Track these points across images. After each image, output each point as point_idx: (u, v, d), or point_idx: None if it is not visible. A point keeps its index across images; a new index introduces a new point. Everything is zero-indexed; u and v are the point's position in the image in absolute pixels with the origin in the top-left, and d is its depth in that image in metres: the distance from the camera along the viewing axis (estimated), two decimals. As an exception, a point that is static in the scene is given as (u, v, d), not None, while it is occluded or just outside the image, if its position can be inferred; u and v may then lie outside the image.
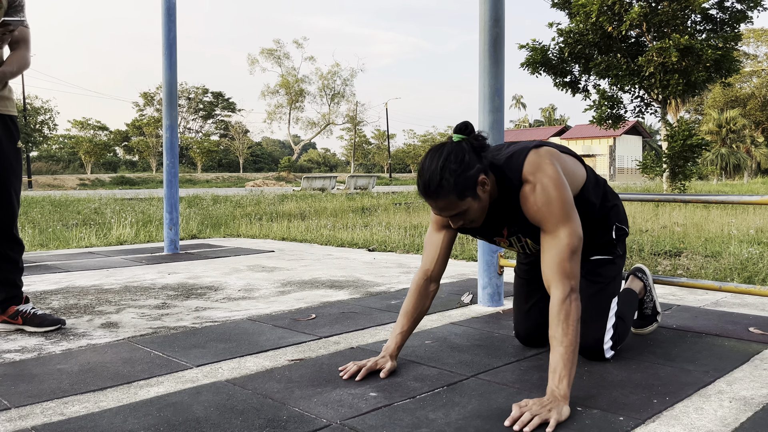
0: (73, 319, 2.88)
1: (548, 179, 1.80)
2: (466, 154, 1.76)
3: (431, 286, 2.10)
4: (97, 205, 12.69)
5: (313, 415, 1.69)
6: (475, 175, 1.76)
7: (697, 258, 4.87)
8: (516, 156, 1.87)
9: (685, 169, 15.99)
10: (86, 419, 1.68)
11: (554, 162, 1.85)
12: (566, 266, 1.75)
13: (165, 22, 5.28)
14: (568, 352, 1.67)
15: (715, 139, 43.52)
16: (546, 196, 1.79)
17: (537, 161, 1.84)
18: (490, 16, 3.01)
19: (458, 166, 1.73)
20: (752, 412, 1.70)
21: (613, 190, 2.21)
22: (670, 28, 18.01)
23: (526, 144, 1.93)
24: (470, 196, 1.77)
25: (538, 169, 1.82)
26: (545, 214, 1.79)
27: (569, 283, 1.74)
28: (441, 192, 1.74)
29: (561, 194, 1.79)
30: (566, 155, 2.01)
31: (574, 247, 1.77)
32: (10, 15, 2.59)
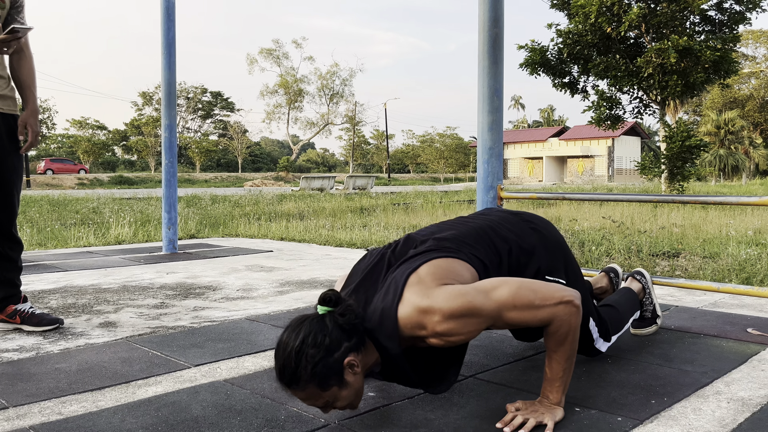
0: (71, 319, 2.88)
1: (440, 314, 1.49)
2: (328, 335, 1.47)
3: None
4: (95, 205, 12.69)
5: (311, 415, 1.69)
6: (341, 358, 1.47)
7: (696, 259, 4.87)
8: (387, 316, 1.54)
9: (683, 170, 16.02)
10: (84, 419, 1.68)
11: (428, 290, 1.53)
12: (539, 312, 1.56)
13: (164, 22, 5.27)
14: (564, 363, 1.61)
15: (714, 141, 43.55)
16: (457, 324, 1.50)
17: (412, 311, 1.52)
18: (490, 16, 3.01)
19: (318, 350, 1.45)
20: (750, 412, 1.70)
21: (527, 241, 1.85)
22: (668, 29, 18.05)
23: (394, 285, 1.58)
24: (335, 384, 1.48)
25: (421, 315, 1.51)
26: (477, 327, 1.54)
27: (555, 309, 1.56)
28: (298, 383, 1.47)
29: (463, 306, 1.50)
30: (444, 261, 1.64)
31: (524, 298, 1.55)
32: (12, 15, 2.59)
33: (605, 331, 2.10)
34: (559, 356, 1.61)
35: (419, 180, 52.14)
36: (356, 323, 1.52)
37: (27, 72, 2.67)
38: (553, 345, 1.61)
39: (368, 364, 1.58)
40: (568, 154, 52.41)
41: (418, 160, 66.93)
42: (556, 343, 1.60)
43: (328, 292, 1.54)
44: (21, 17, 2.64)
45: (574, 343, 1.61)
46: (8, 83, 2.61)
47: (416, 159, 67.77)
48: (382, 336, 1.55)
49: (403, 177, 57.74)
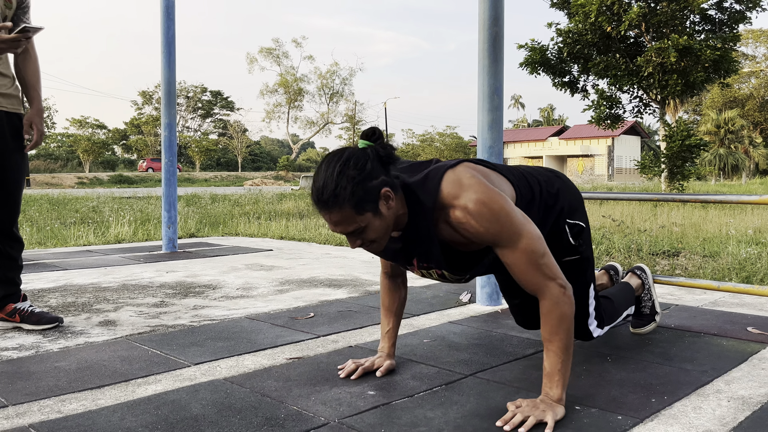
0: (71, 317, 2.88)
1: (477, 194, 1.58)
2: (369, 162, 1.55)
3: (397, 279, 2.07)
4: (95, 204, 12.68)
5: (311, 414, 1.69)
6: (378, 186, 1.54)
7: (696, 258, 4.87)
8: (431, 177, 1.64)
9: (683, 170, 16.03)
10: (84, 417, 1.68)
11: (476, 176, 1.64)
12: (540, 274, 1.61)
13: (164, 21, 5.27)
14: (562, 355, 1.62)
15: (714, 140, 43.54)
16: (483, 211, 1.57)
17: (457, 180, 1.62)
18: (490, 15, 3.01)
19: (358, 173, 1.52)
20: (750, 411, 1.70)
21: (553, 184, 1.94)
22: (668, 28, 18.04)
23: (443, 164, 1.71)
24: (370, 210, 1.54)
25: (462, 188, 1.60)
26: (492, 232, 1.58)
27: (554, 283, 1.62)
28: (335, 202, 1.52)
29: (498, 204, 1.58)
30: (489, 170, 1.78)
31: (539, 250, 1.61)
32: (18, 16, 2.60)
33: (600, 316, 2.11)
34: (555, 347, 1.62)
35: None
36: (395, 159, 1.61)
37: (32, 72, 2.67)
38: (548, 333, 1.63)
39: (398, 210, 1.63)
40: (568, 153, 52.40)
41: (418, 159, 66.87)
42: (551, 330, 1.62)
43: (372, 127, 1.61)
44: (27, 17, 2.64)
45: (569, 333, 1.63)
46: (13, 82, 2.61)
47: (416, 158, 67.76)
48: (421, 191, 1.63)
49: (403, 176, 57.57)
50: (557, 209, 1.90)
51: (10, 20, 2.56)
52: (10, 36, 2.33)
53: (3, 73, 2.55)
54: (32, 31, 2.36)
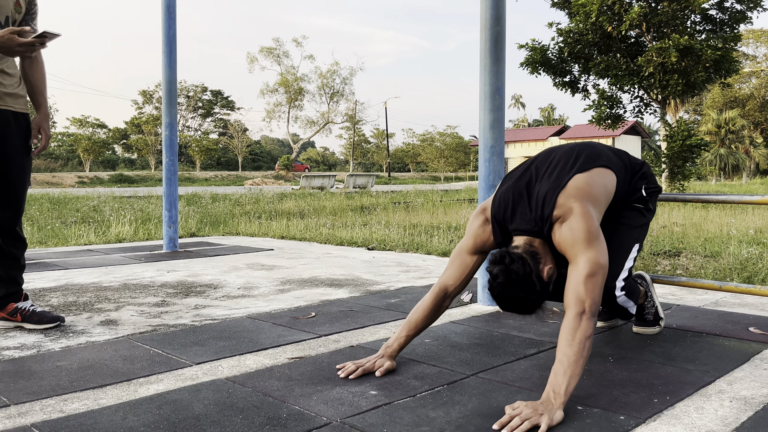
0: (72, 317, 2.88)
1: (573, 216, 1.87)
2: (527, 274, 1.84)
3: (446, 301, 2.11)
4: (95, 203, 12.68)
5: (313, 413, 1.69)
6: (543, 282, 1.87)
7: (697, 258, 4.87)
8: (547, 204, 1.93)
9: (684, 170, 16.00)
10: (86, 416, 1.68)
11: (581, 199, 1.92)
12: (580, 290, 1.77)
13: (165, 20, 5.27)
14: (571, 364, 1.65)
15: (714, 140, 43.51)
16: (569, 228, 1.86)
17: (564, 202, 1.91)
18: (491, 14, 3.00)
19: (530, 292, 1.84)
20: (753, 411, 1.70)
21: (637, 160, 2.33)
22: (669, 28, 18.02)
23: (556, 184, 1.97)
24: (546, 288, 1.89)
25: (566, 209, 1.90)
26: (567, 243, 1.86)
27: (582, 304, 1.75)
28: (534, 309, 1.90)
29: (583, 226, 1.85)
30: (597, 171, 2.06)
31: (592, 272, 1.79)
32: (26, 21, 2.60)
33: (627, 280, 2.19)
34: (566, 358, 1.66)
35: (419, 179, 52.12)
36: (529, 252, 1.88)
37: (39, 76, 2.67)
38: (566, 344, 1.68)
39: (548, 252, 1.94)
40: (569, 153, 52.19)
41: (419, 159, 66.90)
42: (566, 341, 1.68)
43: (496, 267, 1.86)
44: (34, 23, 2.65)
45: (585, 351, 1.68)
46: (20, 82, 2.61)
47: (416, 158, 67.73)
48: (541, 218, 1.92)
49: (404, 176, 57.71)
50: (639, 174, 2.29)
51: (18, 24, 2.57)
52: (27, 40, 2.33)
53: (9, 73, 2.55)
54: (50, 37, 2.35)
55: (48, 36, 2.34)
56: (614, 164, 2.16)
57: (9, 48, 2.34)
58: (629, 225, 2.23)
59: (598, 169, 2.07)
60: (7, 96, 2.54)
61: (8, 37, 2.31)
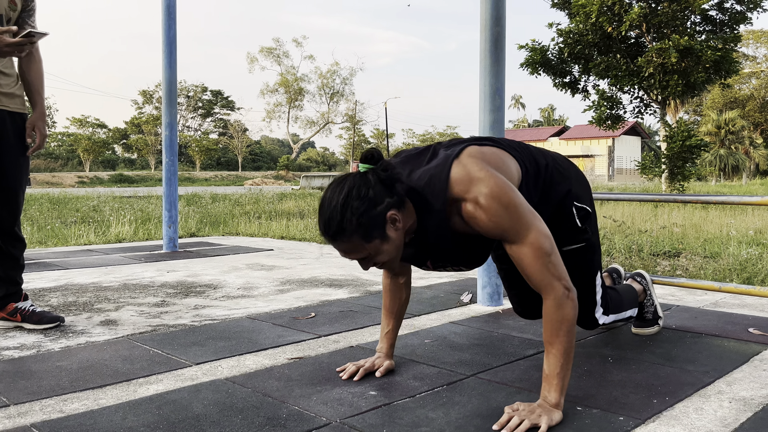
0: (72, 317, 2.88)
1: (486, 188, 1.57)
2: (371, 188, 1.54)
3: (399, 279, 2.05)
4: (95, 203, 12.68)
5: (312, 414, 1.69)
6: (383, 211, 1.55)
7: (696, 259, 4.87)
8: (437, 175, 1.62)
9: (683, 170, 16.01)
10: (85, 416, 1.68)
11: (484, 166, 1.62)
12: (546, 271, 1.60)
13: (165, 20, 5.27)
14: (562, 361, 1.61)
15: (714, 140, 43.50)
16: (494, 206, 1.56)
17: (464, 173, 1.60)
18: (491, 14, 3.01)
19: (362, 203, 1.52)
20: (752, 412, 1.70)
21: (563, 166, 1.95)
22: (669, 28, 18.03)
23: (446, 155, 1.67)
24: (378, 237, 1.56)
25: (471, 181, 1.59)
26: (502, 225, 1.58)
27: (559, 284, 1.61)
28: (343, 234, 1.53)
29: (509, 198, 1.57)
30: (495, 149, 1.76)
31: (547, 248, 1.60)
32: (23, 18, 2.60)
33: (606, 304, 2.11)
34: (556, 349, 1.61)
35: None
36: (397, 179, 1.61)
37: (36, 75, 2.67)
38: (549, 335, 1.62)
39: (407, 224, 1.64)
40: (569, 153, 52.34)
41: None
42: (552, 332, 1.61)
43: (370, 150, 1.61)
44: (32, 20, 2.64)
45: (570, 336, 1.62)
46: (16, 81, 2.61)
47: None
48: (429, 192, 1.61)
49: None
50: (564, 188, 1.90)
51: (14, 23, 2.56)
52: (15, 40, 2.33)
53: (6, 72, 2.55)
54: (37, 36, 2.35)
55: (35, 35, 2.34)
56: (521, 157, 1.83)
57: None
58: (581, 267, 1.98)
59: (497, 149, 1.77)
60: (3, 96, 2.53)
61: None
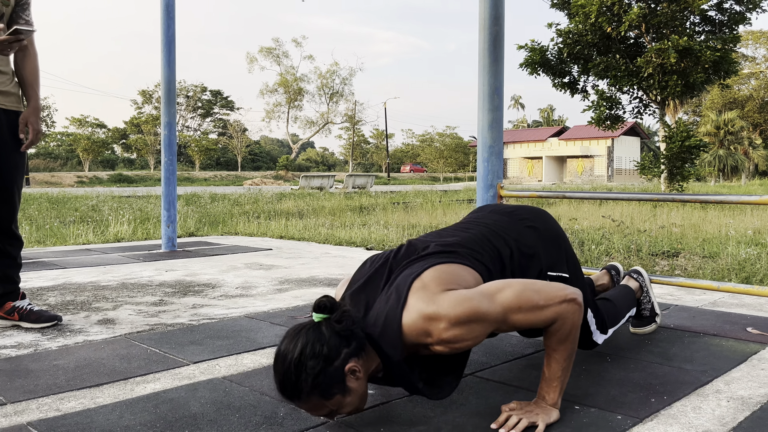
0: (70, 316, 2.88)
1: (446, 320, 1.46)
2: (325, 344, 1.44)
3: None
4: (94, 203, 12.67)
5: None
6: (341, 366, 1.45)
7: (695, 258, 4.87)
8: (389, 326, 1.50)
9: (683, 170, 16.01)
10: (82, 415, 1.67)
11: (432, 296, 1.50)
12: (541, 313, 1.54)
13: (164, 20, 5.26)
14: (563, 362, 1.60)
15: (713, 141, 43.52)
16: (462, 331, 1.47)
17: (416, 319, 1.48)
18: (490, 14, 3.00)
19: (317, 362, 1.43)
20: (750, 411, 1.70)
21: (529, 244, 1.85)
22: (669, 29, 18.04)
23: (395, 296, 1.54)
24: (338, 392, 1.46)
25: (426, 323, 1.47)
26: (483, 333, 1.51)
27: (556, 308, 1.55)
28: (300, 395, 1.45)
29: (468, 312, 1.47)
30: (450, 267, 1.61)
31: (525, 304, 1.53)
32: (17, 13, 2.58)
33: (602, 324, 2.09)
34: (559, 355, 1.60)
35: (419, 179, 52.13)
36: (354, 329, 1.49)
37: (30, 70, 2.66)
38: (554, 343, 1.59)
39: (370, 368, 1.55)
40: (568, 154, 52.40)
41: (418, 159, 66.98)
42: (558, 341, 1.59)
43: (323, 299, 1.51)
44: (26, 14, 2.62)
45: (574, 342, 1.60)
46: (12, 79, 2.60)
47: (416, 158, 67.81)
48: (384, 343, 1.51)
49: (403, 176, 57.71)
50: (535, 268, 1.83)
51: (8, 18, 2.55)
52: (3, 38, 2.32)
53: (2, 70, 2.54)
54: (24, 33, 2.33)
55: (22, 32, 2.32)
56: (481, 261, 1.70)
57: None
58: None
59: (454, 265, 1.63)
60: None
61: None
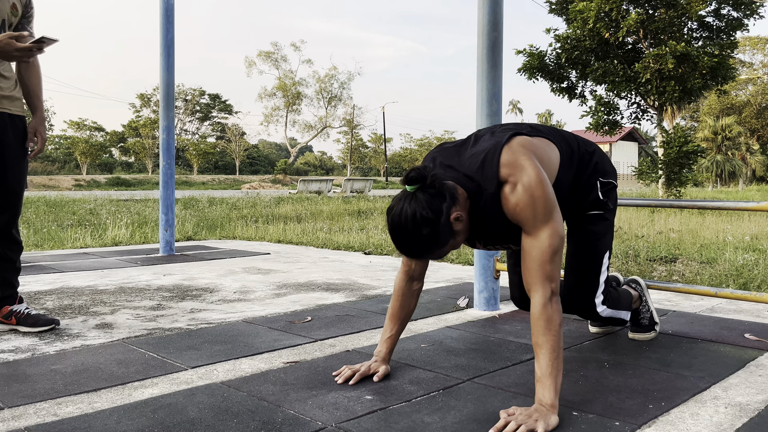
0: (68, 320, 2.87)
1: (527, 178, 1.70)
2: (428, 207, 1.64)
3: (414, 284, 2.04)
4: (92, 206, 12.65)
5: (308, 418, 1.68)
6: (446, 218, 1.66)
7: (693, 264, 4.87)
8: (489, 160, 1.75)
9: (680, 176, 16.05)
10: (80, 420, 1.67)
11: (531, 157, 1.75)
12: (546, 269, 1.69)
13: (163, 24, 5.27)
14: (553, 360, 1.63)
15: (711, 146, 43.64)
16: (526, 196, 1.69)
17: (512, 160, 1.73)
18: (489, 20, 3.01)
19: (429, 228, 1.64)
20: (748, 418, 1.70)
21: (590, 144, 2.12)
22: (666, 35, 18.10)
23: (497, 140, 1.80)
24: (450, 238, 1.70)
25: (516, 168, 1.72)
26: (526, 215, 1.71)
27: (549, 286, 1.69)
28: (426, 254, 1.71)
29: (542, 193, 1.70)
30: (539, 139, 1.90)
31: (555, 248, 1.70)
32: (22, 24, 2.60)
33: (607, 293, 2.15)
34: (545, 349, 1.65)
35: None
36: (445, 184, 1.70)
37: (35, 79, 2.68)
38: (538, 335, 1.66)
39: (467, 207, 1.75)
40: (566, 158, 52.37)
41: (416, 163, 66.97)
42: (541, 332, 1.66)
43: (411, 173, 1.68)
44: (30, 26, 2.65)
45: (558, 336, 1.66)
46: (15, 85, 2.61)
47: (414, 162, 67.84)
48: (481, 177, 1.74)
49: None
50: (592, 164, 2.07)
51: (14, 28, 2.57)
52: (26, 45, 2.33)
53: (6, 76, 2.55)
54: (48, 42, 2.34)
55: (46, 41, 2.33)
56: (558, 142, 1.98)
57: (7, 53, 2.34)
58: (594, 235, 2.10)
59: (541, 138, 1.91)
60: (3, 99, 2.54)
61: (6, 42, 2.31)
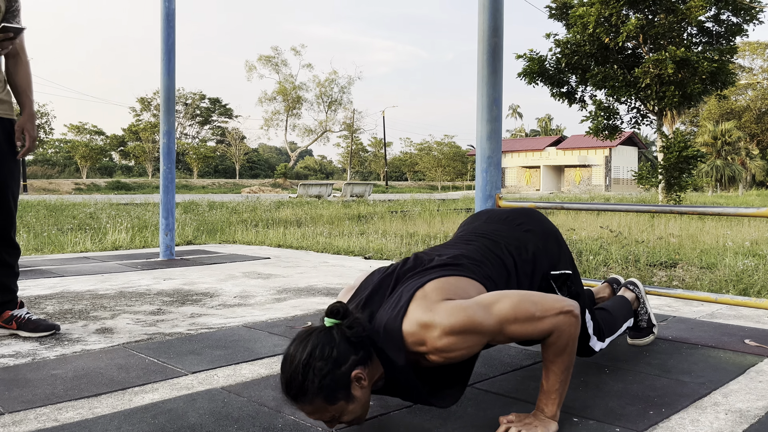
0: (68, 325, 2.87)
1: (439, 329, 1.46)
2: (335, 347, 1.46)
3: None
4: (92, 210, 12.66)
5: (308, 424, 1.68)
6: (348, 371, 1.46)
7: (693, 269, 4.88)
8: (391, 330, 1.51)
9: (680, 181, 16.05)
10: (80, 426, 1.67)
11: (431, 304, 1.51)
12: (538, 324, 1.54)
13: (164, 28, 5.28)
14: (562, 375, 1.60)
15: (711, 151, 43.70)
16: (455, 340, 1.47)
17: (414, 325, 1.49)
18: (489, 25, 3.02)
19: (324, 363, 1.43)
20: (748, 424, 1.70)
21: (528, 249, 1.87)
22: (666, 40, 18.13)
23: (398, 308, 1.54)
24: (343, 398, 1.46)
25: (422, 329, 1.48)
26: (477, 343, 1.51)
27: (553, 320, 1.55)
28: (305, 396, 1.45)
29: (462, 322, 1.47)
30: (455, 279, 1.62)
31: (523, 312, 1.53)
32: (7, 19, 2.58)
33: (599, 331, 2.09)
34: (557, 367, 1.59)
35: (417, 188, 52.18)
36: (363, 336, 1.50)
37: (23, 77, 2.66)
38: (552, 355, 1.59)
39: (374, 378, 1.55)
40: (566, 163, 52.52)
41: (416, 168, 67.06)
42: (555, 353, 1.58)
43: (336, 305, 1.52)
44: (17, 21, 2.63)
45: (572, 354, 1.60)
46: (4, 86, 2.61)
47: (414, 167, 67.88)
48: (388, 348, 1.52)
49: (401, 185, 57.80)
50: (539, 272, 1.86)
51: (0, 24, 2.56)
52: None
53: None
54: (14, 31, 2.31)
55: (11, 30, 2.30)
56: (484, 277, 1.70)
57: None
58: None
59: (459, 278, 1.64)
60: None
61: None
